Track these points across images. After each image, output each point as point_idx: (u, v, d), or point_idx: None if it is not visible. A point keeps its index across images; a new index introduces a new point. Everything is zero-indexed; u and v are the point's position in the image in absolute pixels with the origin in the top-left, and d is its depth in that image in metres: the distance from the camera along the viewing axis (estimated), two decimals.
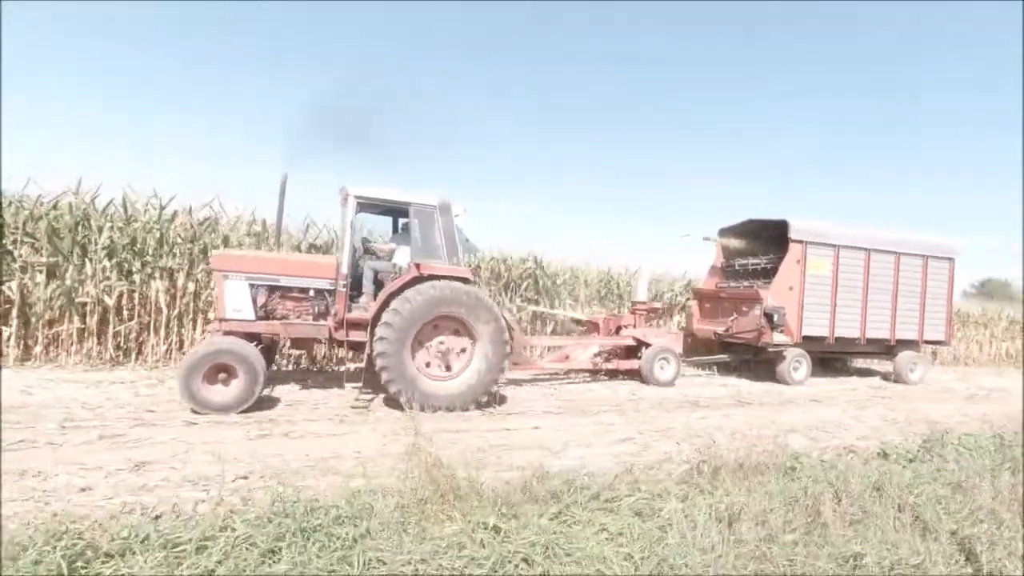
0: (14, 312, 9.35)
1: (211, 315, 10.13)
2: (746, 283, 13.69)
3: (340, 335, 7.91)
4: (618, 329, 12.30)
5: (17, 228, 9.51)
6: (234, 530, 3.48)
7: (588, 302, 14.91)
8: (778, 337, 12.02)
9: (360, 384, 8.05)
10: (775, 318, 11.83)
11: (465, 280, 8.14)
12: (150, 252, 10.27)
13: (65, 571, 2.97)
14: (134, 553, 3.20)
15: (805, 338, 12.42)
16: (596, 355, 11.76)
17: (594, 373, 11.85)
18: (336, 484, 4.61)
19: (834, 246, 12.65)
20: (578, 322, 13.49)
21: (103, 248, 9.92)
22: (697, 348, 14.07)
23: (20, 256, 9.45)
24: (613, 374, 11.79)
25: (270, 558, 3.29)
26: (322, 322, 8.10)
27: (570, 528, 3.89)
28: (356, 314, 7.96)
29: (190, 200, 11.27)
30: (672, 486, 4.77)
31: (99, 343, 9.91)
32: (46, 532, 3.24)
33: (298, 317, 8.12)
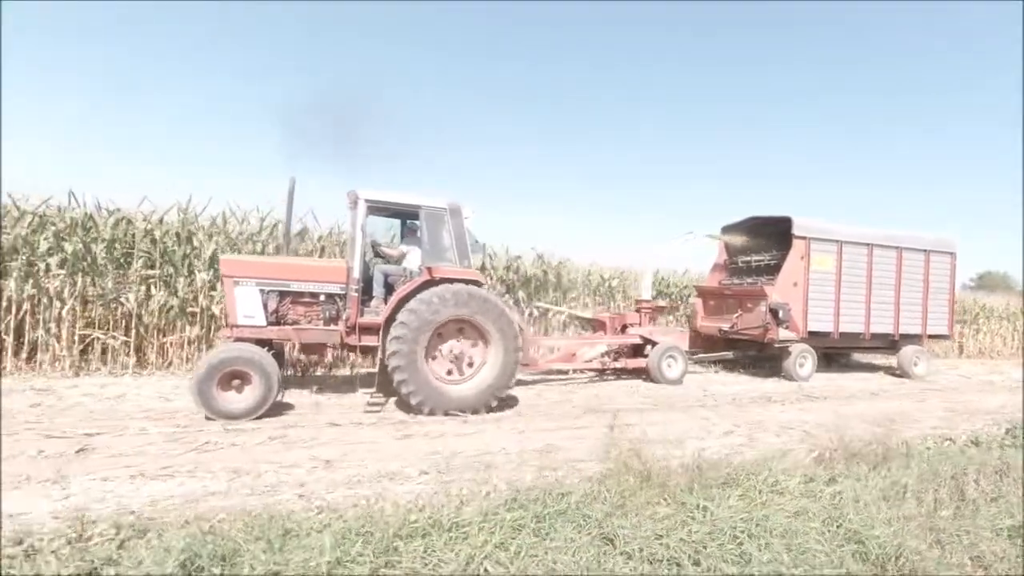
0: (133, 322, 10.00)
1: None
2: (750, 280, 13.76)
3: (352, 340, 7.87)
4: (624, 328, 12.25)
5: (132, 243, 10.21)
6: (495, 514, 3.87)
7: (602, 300, 15.06)
8: (784, 333, 12.05)
9: (373, 389, 8.02)
10: (780, 314, 11.87)
11: (476, 283, 8.14)
12: None
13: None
14: (427, 535, 3.60)
15: (810, 334, 12.48)
16: (604, 354, 11.76)
17: (601, 372, 11.89)
18: (537, 476, 5.08)
19: (837, 242, 12.70)
20: (585, 321, 13.49)
21: (207, 260, 10.49)
22: (697, 345, 13.91)
23: (136, 269, 10.09)
24: (619, 372, 11.86)
25: (544, 537, 3.67)
26: (333, 327, 8.05)
27: (754, 508, 4.28)
28: (368, 318, 7.92)
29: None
30: (820, 472, 5.25)
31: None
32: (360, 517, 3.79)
33: (309, 322, 8.06)
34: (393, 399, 8.23)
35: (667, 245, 13.65)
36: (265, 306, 7.71)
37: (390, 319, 7.67)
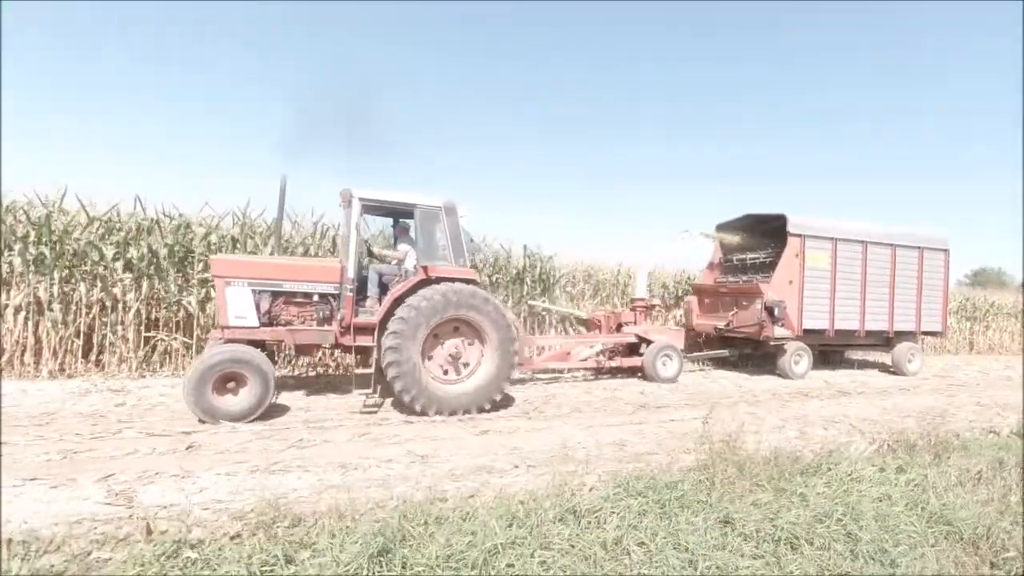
0: (193, 324, 10.31)
1: None
2: (745, 278, 13.80)
3: (347, 340, 7.74)
4: (619, 326, 12.23)
5: (190, 247, 10.45)
6: (619, 501, 4.27)
7: (604, 299, 14.90)
8: (779, 331, 12.08)
9: (370, 390, 7.84)
10: (776, 312, 11.90)
11: (472, 282, 8.08)
12: None
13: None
14: (564, 520, 3.94)
15: (806, 331, 12.56)
16: (599, 353, 11.71)
17: (596, 371, 11.83)
18: (634, 467, 5.42)
19: (832, 239, 12.79)
20: (580, 320, 13.42)
21: None
22: (692, 343, 14.07)
23: (195, 272, 10.39)
24: (614, 371, 11.80)
25: (669, 520, 4.02)
26: (327, 327, 7.90)
27: (842, 494, 4.65)
28: (363, 318, 7.79)
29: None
30: (888, 461, 5.65)
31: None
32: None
33: (303, 322, 7.93)
34: (390, 400, 8.16)
35: (662, 243, 13.86)
36: (257, 306, 7.57)
37: (385, 319, 7.56)
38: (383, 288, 8.21)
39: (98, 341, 9.75)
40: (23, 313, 9.26)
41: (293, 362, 10.86)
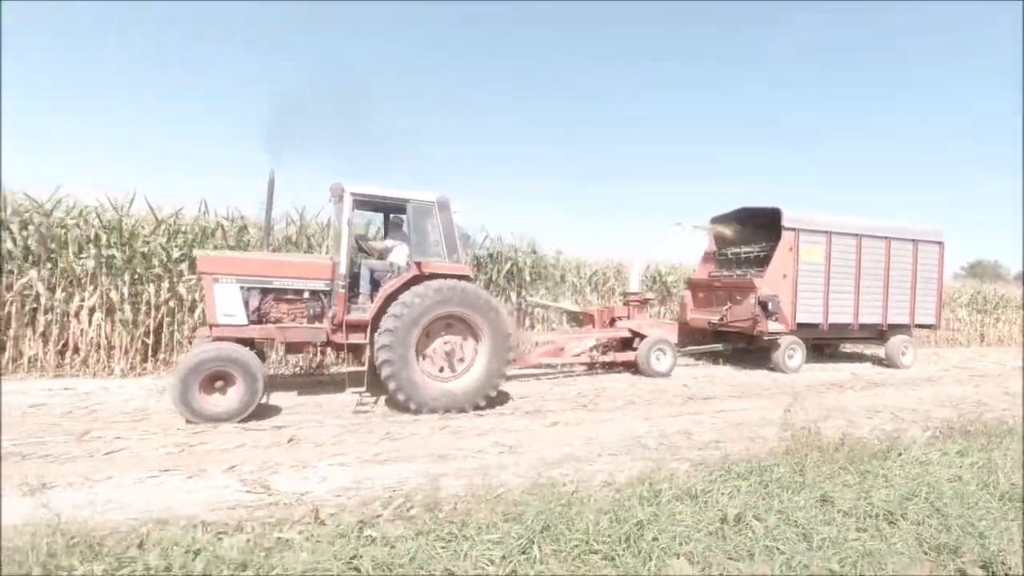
0: None
1: None
2: (739, 272, 13.75)
3: (338, 338, 7.56)
4: (612, 321, 12.18)
5: (246, 248, 10.60)
6: (725, 482, 4.71)
7: (603, 294, 14.78)
8: (773, 325, 12.08)
9: (363, 388, 7.69)
10: (770, 306, 11.88)
11: (466, 278, 7.95)
12: None
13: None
14: (681, 500, 4.37)
15: (800, 325, 12.56)
16: (592, 348, 11.61)
17: (591, 366, 11.74)
18: (712, 454, 5.84)
19: (826, 233, 12.80)
20: (573, 315, 13.30)
21: None
22: (686, 337, 13.91)
23: None
24: (609, 366, 11.74)
25: (771, 499, 4.38)
26: (319, 325, 7.71)
27: (917, 475, 5.02)
28: (355, 316, 7.64)
29: None
30: (949, 446, 6.03)
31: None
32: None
33: (293, 320, 7.77)
34: (384, 397, 8.06)
35: (655, 236, 13.83)
36: (246, 304, 7.38)
37: (378, 316, 7.44)
38: (375, 285, 8.05)
39: (166, 340, 10.01)
40: (97, 313, 9.50)
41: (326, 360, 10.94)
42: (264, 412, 7.12)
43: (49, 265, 9.32)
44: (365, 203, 8.11)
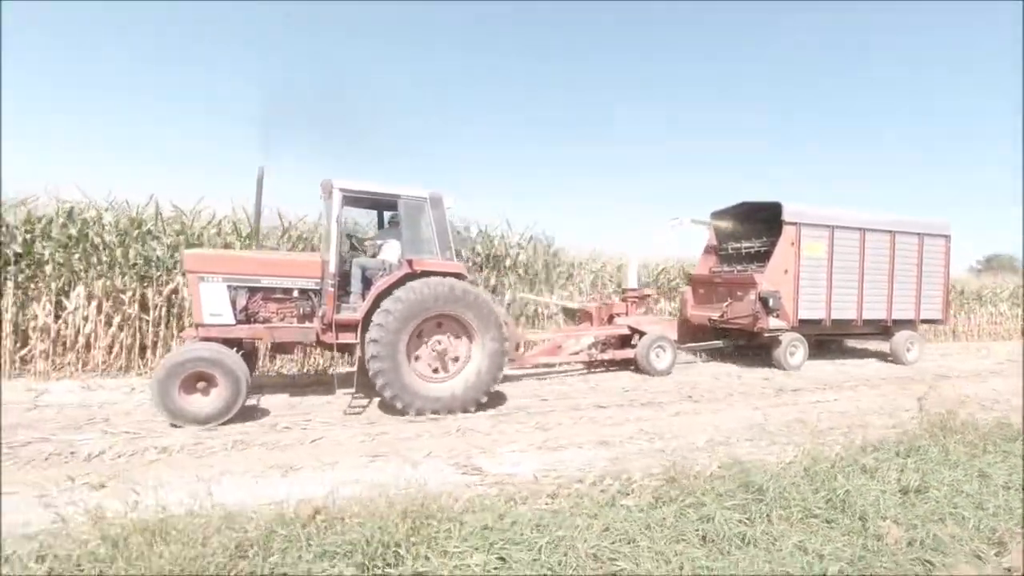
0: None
1: None
2: (740, 267, 13.43)
3: (328, 338, 7.32)
4: (610, 318, 11.88)
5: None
6: (889, 459, 5.23)
7: (603, 290, 14.30)
8: (774, 322, 11.75)
9: (353, 389, 7.52)
10: (771, 302, 11.58)
11: (460, 276, 7.70)
12: None
13: None
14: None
15: (801, 322, 12.23)
16: (590, 346, 11.36)
17: (588, 364, 11.46)
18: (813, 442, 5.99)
19: (829, 227, 12.41)
20: (570, 312, 13.01)
21: None
22: (686, 334, 13.65)
23: None
24: (607, 364, 11.47)
25: (926, 475, 4.79)
26: (308, 324, 7.54)
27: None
28: (345, 315, 7.40)
29: None
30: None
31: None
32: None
33: (282, 320, 7.58)
34: (377, 399, 7.75)
35: (653, 232, 13.03)
36: (233, 303, 7.21)
37: (369, 315, 7.21)
38: (366, 283, 7.73)
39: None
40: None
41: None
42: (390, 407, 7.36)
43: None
44: (355, 199, 7.90)
